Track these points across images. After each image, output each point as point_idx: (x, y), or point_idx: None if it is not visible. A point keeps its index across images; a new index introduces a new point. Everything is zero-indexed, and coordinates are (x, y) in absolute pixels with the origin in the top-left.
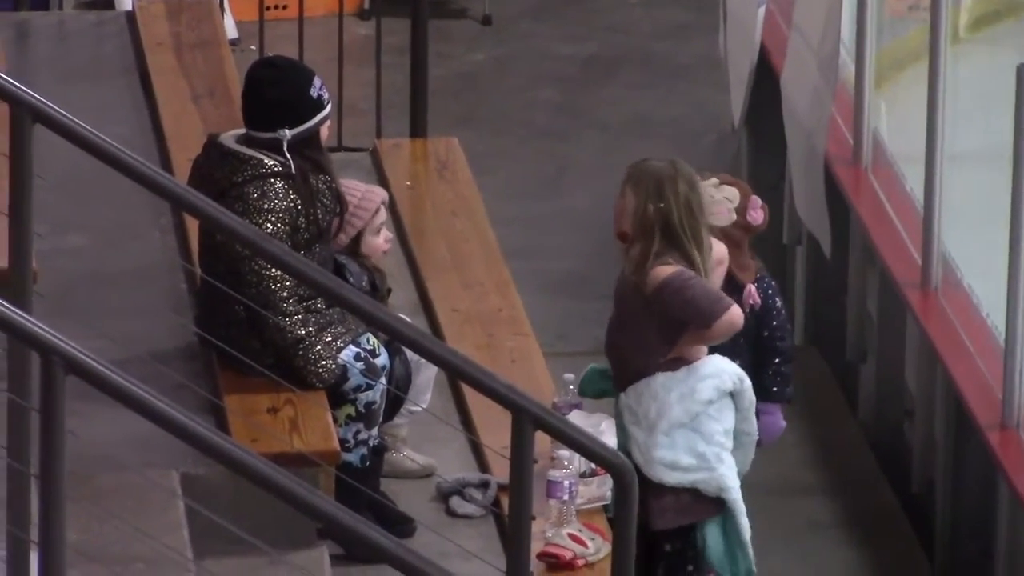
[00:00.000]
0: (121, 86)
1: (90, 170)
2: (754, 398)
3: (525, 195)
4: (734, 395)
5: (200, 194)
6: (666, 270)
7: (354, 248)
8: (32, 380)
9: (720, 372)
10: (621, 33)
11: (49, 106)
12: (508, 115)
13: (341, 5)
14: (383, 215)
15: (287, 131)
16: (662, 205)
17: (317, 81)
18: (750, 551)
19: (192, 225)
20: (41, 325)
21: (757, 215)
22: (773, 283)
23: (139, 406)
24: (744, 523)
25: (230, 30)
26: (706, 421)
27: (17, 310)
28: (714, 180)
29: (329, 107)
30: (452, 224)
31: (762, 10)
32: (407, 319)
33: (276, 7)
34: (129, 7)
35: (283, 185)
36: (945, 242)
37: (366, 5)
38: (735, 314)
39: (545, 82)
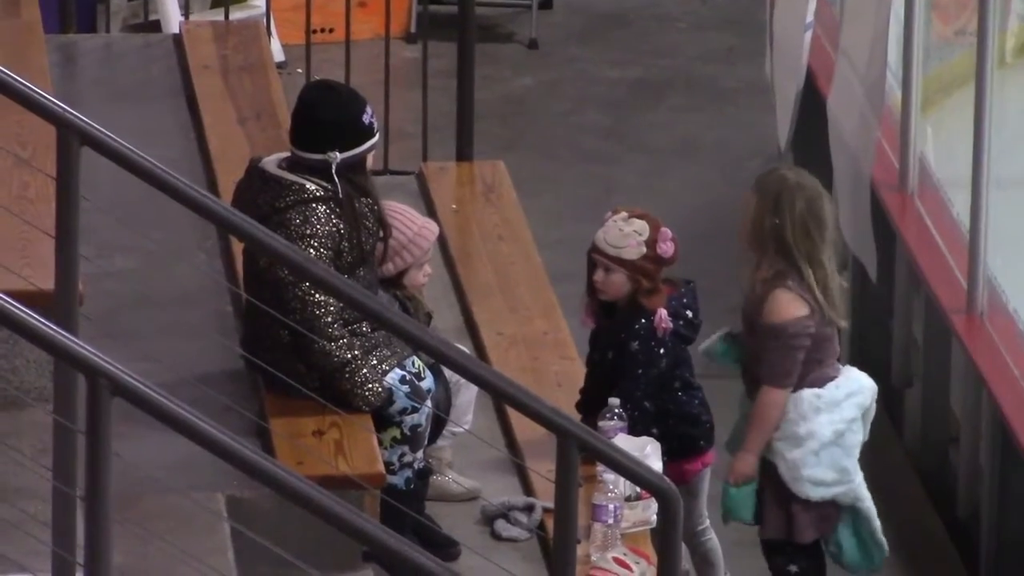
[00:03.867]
0: (168, 109)
1: (137, 193)
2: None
3: (571, 219)
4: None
5: (246, 216)
6: (792, 310)
7: (395, 279)
8: (78, 402)
9: (862, 389)
10: (667, 57)
11: (96, 128)
12: (554, 139)
13: (388, 28)
14: (431, 250)
15: (337, 154)
16: (777, 222)
17: (369, 109)
18: (883, 541)
19: (238, 248)
20: (87, 347)
21: (667, 247)
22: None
23: (185, 428)
24: (877, 524)
25: (277, 53)
26: (849, 436)
27: (64, 332)
28: (623, 214)
29: (377, 136)
30: (498, 248)
31: (809, 34)
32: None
33: (323, 30)
34: (176, 30)
35: (325, 210)
36: (991, 267)
37: (413, 29)
38: (780, 400)
39: (591, 106)
